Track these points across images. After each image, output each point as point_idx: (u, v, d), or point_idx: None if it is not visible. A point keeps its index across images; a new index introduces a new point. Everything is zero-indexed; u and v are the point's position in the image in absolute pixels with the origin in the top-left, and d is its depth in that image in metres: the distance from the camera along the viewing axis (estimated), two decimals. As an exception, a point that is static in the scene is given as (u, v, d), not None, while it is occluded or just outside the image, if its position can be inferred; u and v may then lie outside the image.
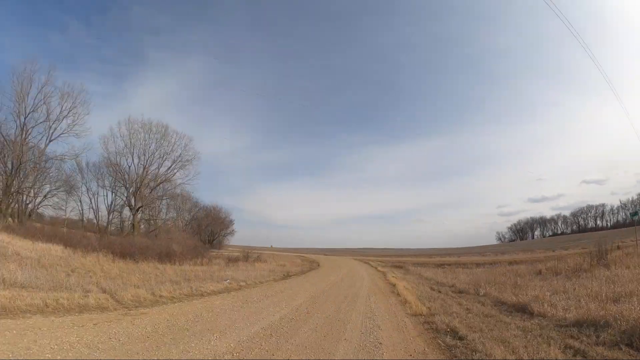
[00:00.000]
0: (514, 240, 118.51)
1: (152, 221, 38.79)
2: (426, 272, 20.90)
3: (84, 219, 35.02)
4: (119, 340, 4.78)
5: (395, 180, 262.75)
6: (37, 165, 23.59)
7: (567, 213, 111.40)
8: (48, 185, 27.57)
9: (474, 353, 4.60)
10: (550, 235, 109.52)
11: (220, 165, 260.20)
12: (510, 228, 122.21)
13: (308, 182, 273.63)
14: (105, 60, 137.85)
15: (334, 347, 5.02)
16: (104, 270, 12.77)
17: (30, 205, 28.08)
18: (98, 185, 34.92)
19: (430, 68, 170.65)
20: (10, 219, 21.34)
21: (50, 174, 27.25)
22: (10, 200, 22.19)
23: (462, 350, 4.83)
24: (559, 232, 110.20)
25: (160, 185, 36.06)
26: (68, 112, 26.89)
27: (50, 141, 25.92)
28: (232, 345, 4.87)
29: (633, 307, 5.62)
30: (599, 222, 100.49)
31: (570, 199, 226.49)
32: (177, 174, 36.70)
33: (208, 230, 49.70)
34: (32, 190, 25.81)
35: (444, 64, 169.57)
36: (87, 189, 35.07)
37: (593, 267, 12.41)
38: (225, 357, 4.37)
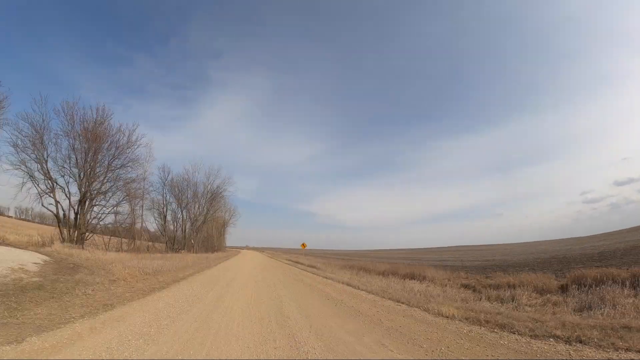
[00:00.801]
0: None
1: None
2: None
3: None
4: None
5: (466, 174, 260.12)
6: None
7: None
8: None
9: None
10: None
11: (292, 174, 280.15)
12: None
13: (376, 183, 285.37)
14: (174, 85, 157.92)
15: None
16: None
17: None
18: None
19: (489, 52, 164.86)
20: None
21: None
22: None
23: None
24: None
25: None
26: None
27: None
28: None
29: None
30: None
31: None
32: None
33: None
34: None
35: (503, 45, 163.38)
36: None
37: None
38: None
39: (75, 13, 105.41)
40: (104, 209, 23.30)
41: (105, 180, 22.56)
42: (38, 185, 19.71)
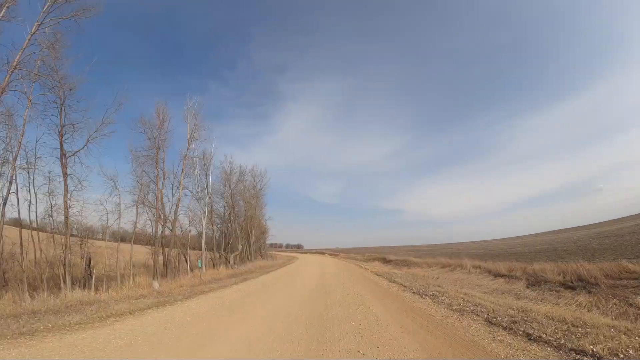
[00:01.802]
0: None
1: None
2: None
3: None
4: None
5: (553, 151, 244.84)
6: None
7: None
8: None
9: None
10: None
11: (374, 172, 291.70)
12: None
13: (462, 172, 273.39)
14: (248, 105, 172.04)
15: None
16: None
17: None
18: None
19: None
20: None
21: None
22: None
23: None
24: None
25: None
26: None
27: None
28: None
29: None
30: None
31: None
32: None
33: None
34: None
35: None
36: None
37: None
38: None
39: (147, 55, 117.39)
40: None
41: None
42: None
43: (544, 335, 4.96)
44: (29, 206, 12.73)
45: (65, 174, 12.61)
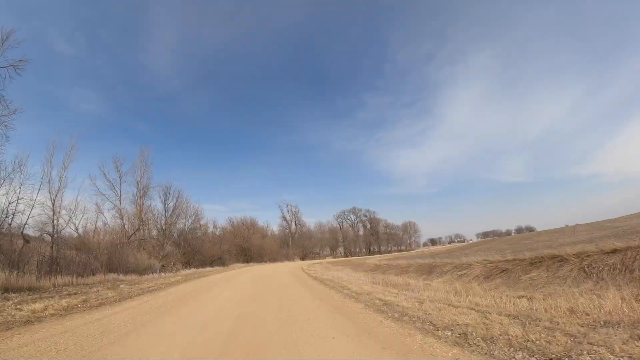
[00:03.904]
0: None
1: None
2: None
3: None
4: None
5: None
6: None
7: None
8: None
9: None
10: None
11: (560, 136, 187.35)
12: None
13: None
14: (407, 104, 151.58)
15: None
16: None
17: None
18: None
19: None
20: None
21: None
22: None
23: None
24: None
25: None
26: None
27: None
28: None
29: None
30: None
31: None
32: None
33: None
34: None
35: None
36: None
37: None
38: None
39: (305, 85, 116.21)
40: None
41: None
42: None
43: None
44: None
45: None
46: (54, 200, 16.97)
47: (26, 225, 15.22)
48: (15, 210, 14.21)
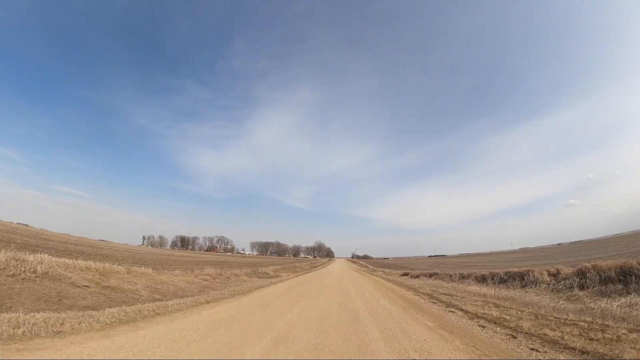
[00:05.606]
0: None
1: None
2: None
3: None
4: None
5: (526, 166, 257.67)
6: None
7: None
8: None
9: None
10: None
11: (348, 180, 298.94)
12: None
13: (434, 183, 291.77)
14: (224, 107, 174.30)
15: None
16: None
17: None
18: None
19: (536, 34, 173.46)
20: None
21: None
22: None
23: None
24: None
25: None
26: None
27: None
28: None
29: None
30: None
31: None
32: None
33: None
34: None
35: (547, 27, 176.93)
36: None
37: None
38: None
39: (126, 51, 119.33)
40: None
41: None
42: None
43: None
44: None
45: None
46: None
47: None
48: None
